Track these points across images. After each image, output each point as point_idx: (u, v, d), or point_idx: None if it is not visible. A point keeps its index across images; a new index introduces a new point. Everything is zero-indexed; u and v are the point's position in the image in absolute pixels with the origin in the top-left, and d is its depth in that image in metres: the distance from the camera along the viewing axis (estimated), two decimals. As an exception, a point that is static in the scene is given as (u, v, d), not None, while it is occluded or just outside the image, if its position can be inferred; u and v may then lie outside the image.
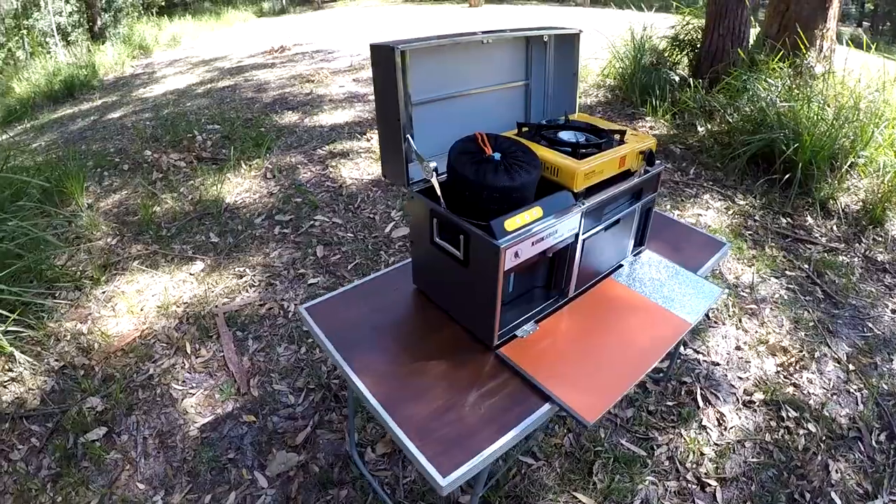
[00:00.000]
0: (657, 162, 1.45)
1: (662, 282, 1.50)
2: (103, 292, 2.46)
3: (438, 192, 1.23)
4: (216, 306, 2.38)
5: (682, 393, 1.97)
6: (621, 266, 1.56)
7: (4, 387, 1.91)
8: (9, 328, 2.05)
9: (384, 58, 1.21)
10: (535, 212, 1.19)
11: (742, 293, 2.44)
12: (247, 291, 2.48)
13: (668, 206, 3.08)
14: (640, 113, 4.25)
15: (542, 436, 1.81)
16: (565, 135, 1.41)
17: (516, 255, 1.16)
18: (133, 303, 2.41)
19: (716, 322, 2.29)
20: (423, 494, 1.63)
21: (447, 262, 1.26)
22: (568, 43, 1.58)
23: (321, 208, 3.12)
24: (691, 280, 1.51)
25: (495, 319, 1.22)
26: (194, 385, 2.03)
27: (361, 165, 3.63)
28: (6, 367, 1.96)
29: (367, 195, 3.25)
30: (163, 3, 12.58)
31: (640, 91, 4.30)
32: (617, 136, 1.43)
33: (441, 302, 1.41)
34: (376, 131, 3.97)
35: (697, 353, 2.15)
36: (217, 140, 4.12)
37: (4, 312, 2.02)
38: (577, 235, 1.29)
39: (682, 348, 2.13)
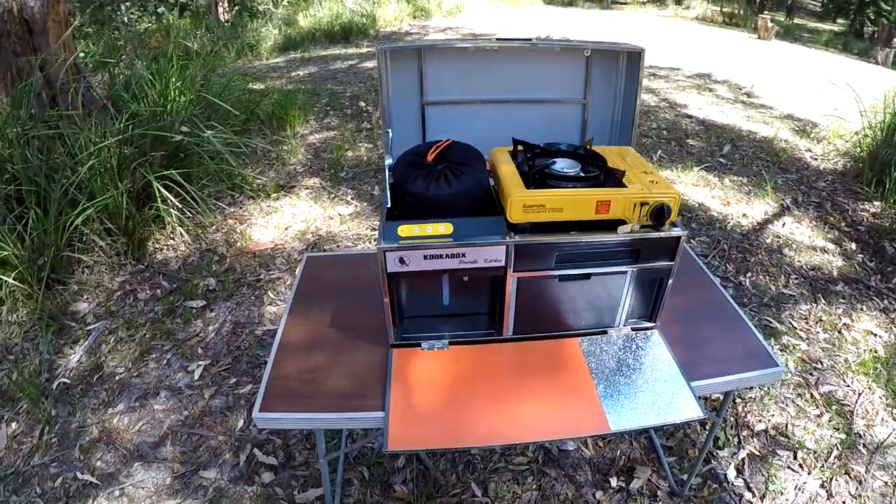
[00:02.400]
0: (677, 226, 1.19)
1: (630, 370, 1.23)
2: (267, 205, 3.15)
3: (387, 189, 1.26)
4: (337, 246, 2.80)
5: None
6: (606, 332, 1.32)
7: (161, 249, 2.67)
8: (183, 211, 2.82)
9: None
10: (444, 227, 1.14)
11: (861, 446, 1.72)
12: (369, 244, 2.84)
13: (840, 311, 2.28)
14: (864, 193, 3.15)
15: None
16: (561, 163, 1.25)
17: (402, 261, 1.15)
18: (283, 221, 3.02)
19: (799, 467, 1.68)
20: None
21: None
22: (633, 63, 1.37)
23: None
24: (672, 389, 1.19)
25: (387, 318, 1.23)
26: (281, 300, 2.48)
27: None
28: (170, 235, 2.72)
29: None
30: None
31: (878, 167, 3.20)
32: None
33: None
34: None
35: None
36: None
37: (171, 198, 2.76)
38: (504, 270, 1.17)
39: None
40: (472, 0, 11.65)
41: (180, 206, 2.73)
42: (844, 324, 2.27)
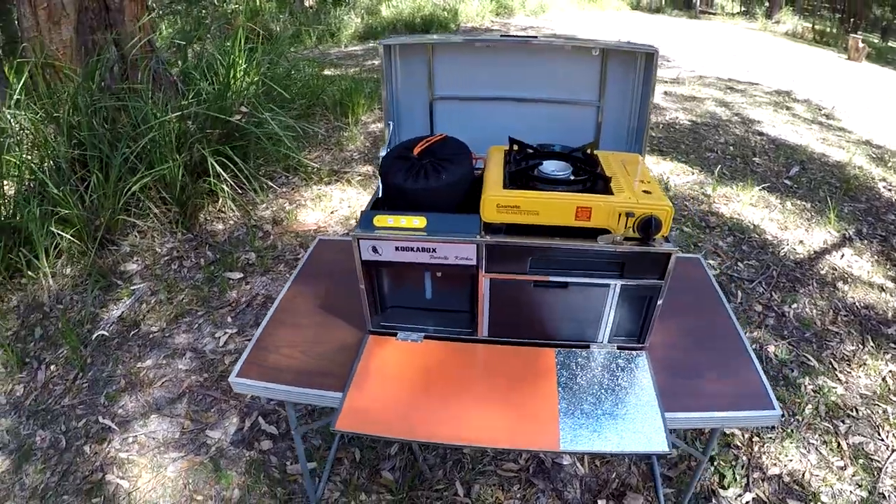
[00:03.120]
0: (667, 242, 1.13)
1: (601, 390, 1.18)
2: (318, 189, 3.28)
3: (379, 180, 1.30)
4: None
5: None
6: (588, 347, 1.28)
7: (212, 221, 2.86)
8: (235, 187, 2.99)
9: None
10: (418, 221, 1.16)
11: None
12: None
13: (889, 357, 2.04)
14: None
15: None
16: (551, 165, 1.22)
17: (375, 250, 1.17)
18: (330, 205, 3.15)
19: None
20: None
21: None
22: (648, 65, 1.31)
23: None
24: (643, 416, 1.13)
25: (363, 304, 1.27)
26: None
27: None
28: (221, 208, 2.91)
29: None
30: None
31: None
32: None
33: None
34: None
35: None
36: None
37: (223, 174, 2.93)
38: (476, 269, 1.17)
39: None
40: (556, 1, 11.47)
41: (232, 183, 2.92)
42: (891, 371, 2.04)
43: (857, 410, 1.83)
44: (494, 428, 1.10)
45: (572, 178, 1.18)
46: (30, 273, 2.25)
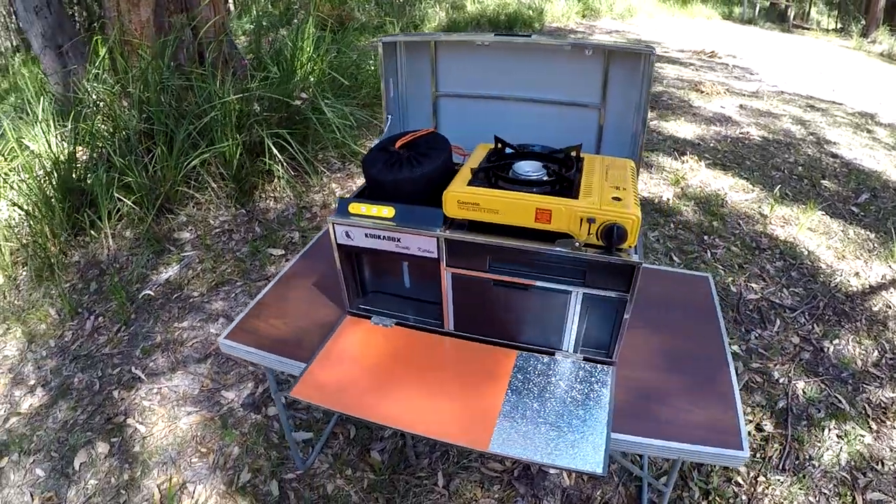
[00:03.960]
0: (635, 253, 1.11)
1: (551, 399, 1.18)
2: (368, 175, 3.41)
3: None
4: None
5: None
6: (553, 354, 1.28)
7: (265, 199, 3.08)
8: (289, 170, 3.18)
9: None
10: (388, 210, 1.22)
11: None
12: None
13: None
14: None
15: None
16: (525, 165, 1.23)
17: (348, 235, 1.25)
18: (377, 192, 3.26)
19: None
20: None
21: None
22: (648, 66, 1.28)
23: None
24: (586, 432, 1.11)
25: (340, 285, 1.35)
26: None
27: (650, 180, 3.38)
28: (275, 188, 3.11)
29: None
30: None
31: None
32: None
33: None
34: (696, 156, 3.55)
35: None
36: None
37: (279, 155, 3.13)
38: (437, 262, 1.21)
39: None
40: (645, 5, 11.09)
41: (287, 165, 3.12)
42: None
43: (882, 464, 1.66)
44: (434, 419, 1.14)
45: (544, 178, 1.18)
46: (92, 233, 2.55)
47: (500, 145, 1.32)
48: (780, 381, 1.95)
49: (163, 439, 1.86)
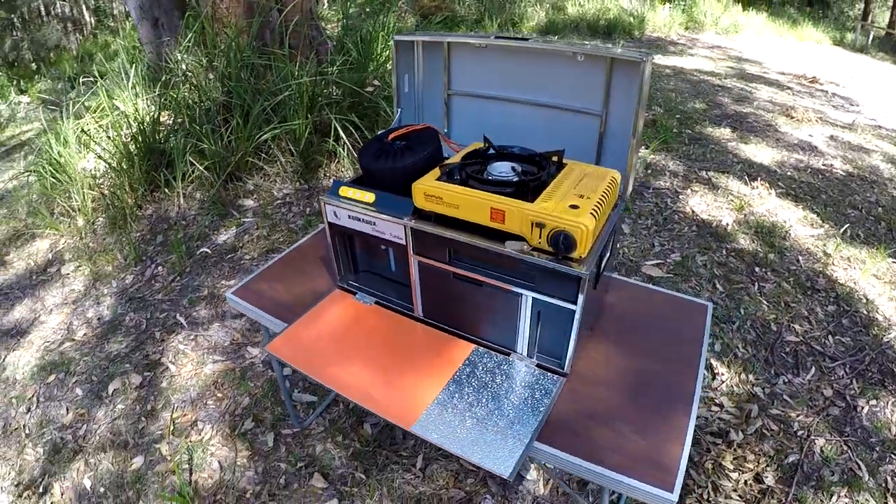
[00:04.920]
0: (581, 265, 1.13)
1: (488, 397, 1.24)
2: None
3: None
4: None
5: None
6: (509, 356, 1.34)
7: (328, 177, 3.31)
8: (353, 151, 3.37)
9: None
10: (369, 196, 1.34)
11: None
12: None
13: None
14: None
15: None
16: (500, 165, 1.30)
17: (336, 215, 1.39)
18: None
19: None
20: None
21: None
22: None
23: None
24: (508, 435, 1.15)
25: (332, 261, 1.50)
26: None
27: (712, 203, 3.20)
28: (339, 168, 3.33)
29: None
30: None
31: None
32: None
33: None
34: (767, 183, 3.30)
35: None
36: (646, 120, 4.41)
37: (344, 138, 3.34)
38: (405, 249, 1.31)
39: None
40: (753, 22, 10.29)
41: (352, 148, 3.33)
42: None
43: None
44: (375, 391, 1.25)
45: (510, 180, 1.23)
46: (166, 191, 2.91)
47: (486, 145, 1.39)
48: (799, 433, 1.83)
49: (188, 380, 2.12)
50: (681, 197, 3.26)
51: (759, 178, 3.42)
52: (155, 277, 2.62)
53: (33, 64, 11.18)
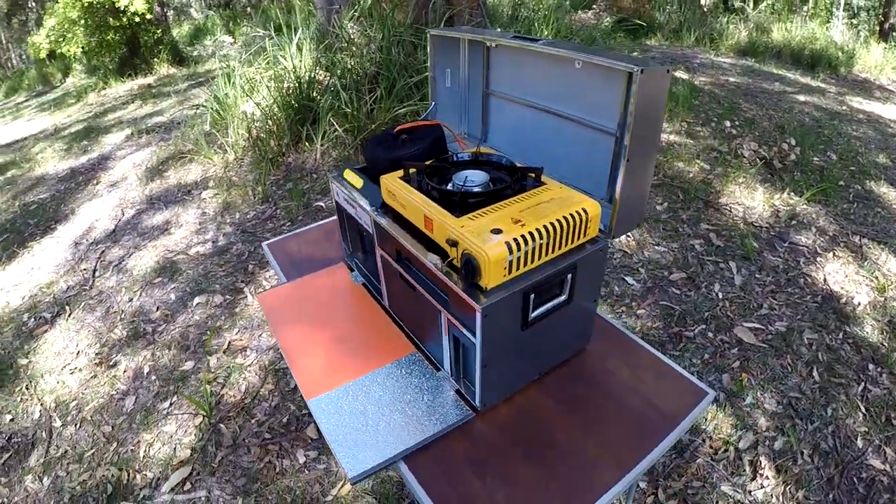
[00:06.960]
0: (484, 295, 1.09)
1: (387, 397, 1.29)
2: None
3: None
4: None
5: None
6: (439, 371, 1.37)
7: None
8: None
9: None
10: (359, 181, 1.47)
11: None
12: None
13: None
14: None
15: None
16: (472, 174, 1.31)
17: (338, 194, 1.55)
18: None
19: None
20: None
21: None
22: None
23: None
24: (384, 441, 1.19)
25: (339, 236, 1.68)
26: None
27: (851, 275, 2.59)
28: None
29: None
30: None
31: None
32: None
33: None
34: None
35: None
36: (796, 156, 3.76)
37: None
38: (372, 239, 1.42)
39: None
40: None
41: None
42: None
43: None
44: (311, 361, 1.38)
45: (457, 190, 1.23)
46: (307, 144, 3.34)
47: (479, 150, 1.40)
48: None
49: (256, 311, 2.50)
50: (818, 259, 2.76)
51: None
52: (271, 218, 3.08)
53: (247, 9, 13.09)
